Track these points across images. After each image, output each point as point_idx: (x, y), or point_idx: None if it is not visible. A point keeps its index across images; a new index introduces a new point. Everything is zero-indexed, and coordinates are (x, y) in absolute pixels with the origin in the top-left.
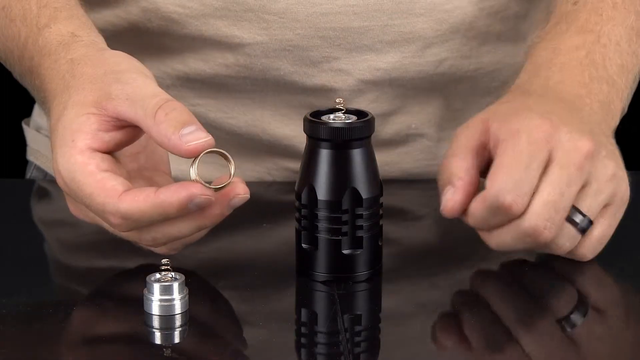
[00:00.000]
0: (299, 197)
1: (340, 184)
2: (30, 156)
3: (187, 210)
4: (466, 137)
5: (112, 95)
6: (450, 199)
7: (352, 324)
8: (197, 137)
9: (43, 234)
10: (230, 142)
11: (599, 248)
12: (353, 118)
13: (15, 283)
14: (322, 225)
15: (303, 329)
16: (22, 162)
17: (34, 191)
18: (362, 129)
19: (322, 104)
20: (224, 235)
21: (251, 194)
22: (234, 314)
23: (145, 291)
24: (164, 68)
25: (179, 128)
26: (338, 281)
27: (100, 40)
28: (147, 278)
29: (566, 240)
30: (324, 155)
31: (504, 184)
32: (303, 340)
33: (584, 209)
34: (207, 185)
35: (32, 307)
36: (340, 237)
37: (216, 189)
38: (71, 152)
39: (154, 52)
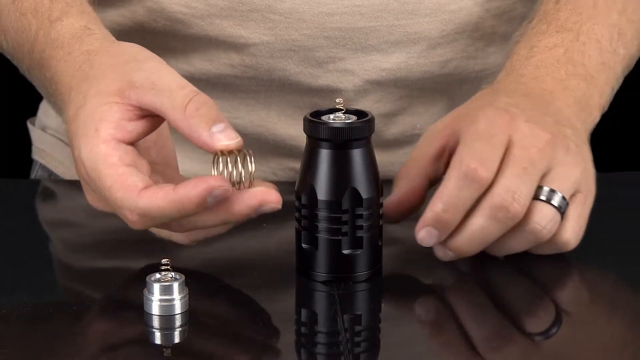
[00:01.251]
0: (298, 197)
1: (340, 184)
2: (36, 155)
3: (206, 205)
4: (427, 143)
5: (135, 84)
6: (388, 201)
7: (352, 324)
8: (228, 136)
9: (47, 234)
10: None
11: (579, 232)
12: (353, 118)
13: (16, 283)
14: (322, 225)
15: (303, 329)
16: (25, 161)
17: (39, 191)
18: (361, 129)
19: (328, 104)
20: (224, 235)
21: None
22: (234, 314)
23: (145, 291)
24: None
25: (210, 125)
26: (338, 281)
27: (111, 35)
28: (147, 278)
29: (547, 220)
30: (324, 155)
31: (466, 153)
32: (303, 340)
33: (556, 189)
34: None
35: (33, 307)
36: (340, 237)
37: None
38: (95, 141)
39: (159, 52)
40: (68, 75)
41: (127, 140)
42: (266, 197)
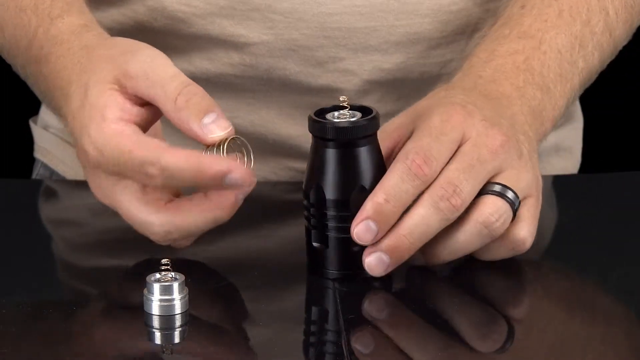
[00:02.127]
0: (307, 196)
1: (347, 182)
2: (37, 154)
3: (221, 183)
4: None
5: (130, 73)
6: None
7: (353, 324)
8: (220, 127)
9: (50, 233)
10: None
11: (533, 231)
12: (358, 115)
13: (17, 283)
14: (331, 224)
15: (303, 329)
16: (27, 161)
17: (41, 191)
18: (367, 126)
19: (327, 104)
20: (225, 235)
21: (256, 194)
22: (234, 314)
23: (145, 291)
24: None
25: (200, 116)
26: (349, 279)
27: (107, 34)
28: (147, 278)
29: (499, 213)
30: (331, 155)
31: (412, 147)
32: (303, 340)
33: (509, 186)
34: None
35: (32, 307)
36: (349, 235)
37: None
38: (104, 124)
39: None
40: (68, 69)
41: (134, 122)
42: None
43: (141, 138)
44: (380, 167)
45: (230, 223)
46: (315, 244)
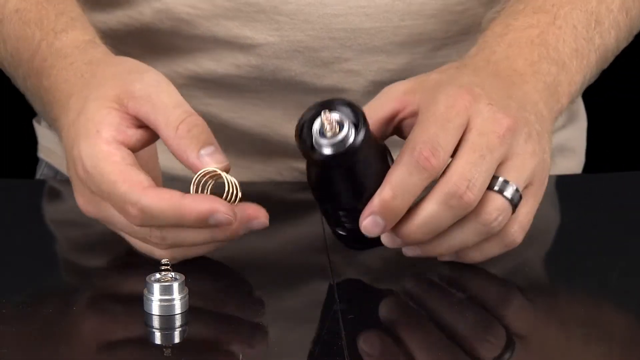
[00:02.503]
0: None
1: (355, 193)
2: (41, 153)
3: (205, 223)
4: (381, 103)
5: (134, 94)
6: None
7: (353, 324)
8: (216, 160)
9: (53, 233)
10: (241, 142)
11: (526, 229)
12: (345, 122)
13: (17, 283)
14: (348, 225)
15: (303, 329)
16: (31, 161)
17: (45, 191)
18: (347, 154)
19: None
20: None
21: (260, 194)
22: (235, 314)
23: (145, 291)
24: (176, 67)
25: (199, 147)
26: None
27: (112, 53)
28: (147, 278)
29: (499, 212)
30: (325, 175)
31: (419, 138)
32: (303, 340)
33: (511, 181)
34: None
35: (33, 307)
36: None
37: (232, 202)
38: (96, 141)
39: (165, 52)
40: (69, 83)
41: (127, 144)
42: (257, 212)
43: (127, 170)
44: (382, 163)
45: None
46: (338, 231)
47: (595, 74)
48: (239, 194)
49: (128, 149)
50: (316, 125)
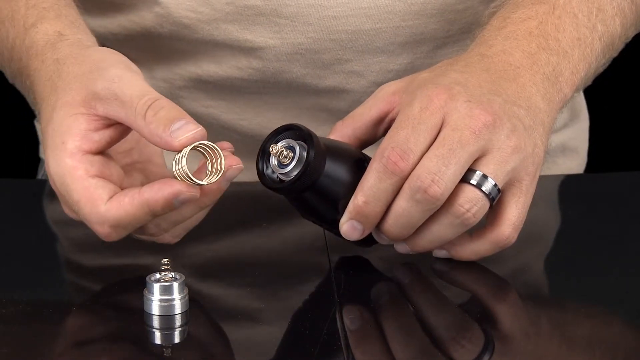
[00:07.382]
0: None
1: (331, 206)
2: (43, 154)
3: (173, 207)
4: (371, 105)
5: (100, 95)
6: None
7: (352, 324)
8: (187, 130)
9: (54, 233)
10: (242, 144)
11: (519, 227)
12: (296, 149)
13: (17, 282)
14: (336, 231)
15: (303, 329)
16: (32, 161)
17: (46, 191)
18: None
19: (334, 105)
20: (225, 235)
21: (261, 194)
22: (234, 313)
23: (145, 291)
24: (177, 70)
25: (168, 125)
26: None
27: (87, 38)
28: (147, 278)
29: (471, 203)
30: (305, 197)
31: (389, 143)
32: (303, 340)
33: (489, 175)
34: (197, 180)
35: (33, 307)
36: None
37: (208, 184)
38: (61, 154)
39: (166, 55)
40: (41, 86)
41: (94, 150)
42: (230, 162)
43: (88, 185)
44: (354, 171)
45: (232, 223)
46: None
47: (604, 63)
48: (223, 161)
49: (96, 154)
50: (273, 161)
